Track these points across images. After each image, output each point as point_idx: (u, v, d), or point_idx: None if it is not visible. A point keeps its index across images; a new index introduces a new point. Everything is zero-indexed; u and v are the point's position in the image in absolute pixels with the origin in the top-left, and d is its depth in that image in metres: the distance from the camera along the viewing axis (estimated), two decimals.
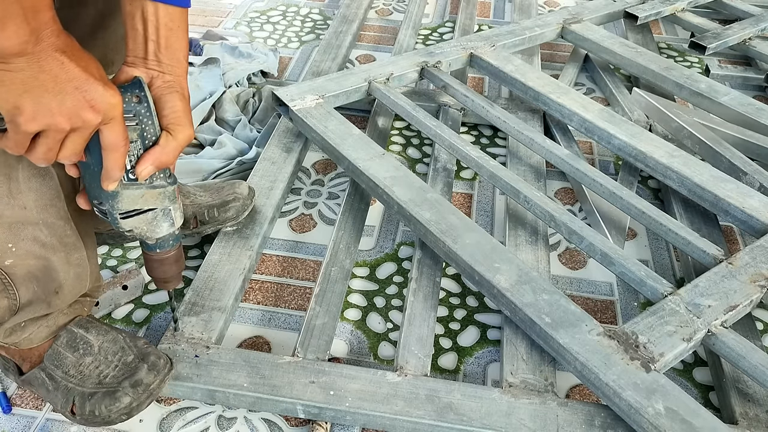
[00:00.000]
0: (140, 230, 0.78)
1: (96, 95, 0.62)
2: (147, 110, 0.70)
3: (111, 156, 0.68)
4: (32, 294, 0.83)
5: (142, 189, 0.74)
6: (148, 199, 0.75)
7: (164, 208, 0.77)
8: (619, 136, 1.29)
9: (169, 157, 0.73)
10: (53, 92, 0.60)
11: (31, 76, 0.59)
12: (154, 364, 0.87)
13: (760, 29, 1.75)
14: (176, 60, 0.72)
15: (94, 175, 0.72)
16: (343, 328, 1.07)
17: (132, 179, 0.73)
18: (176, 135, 0.73)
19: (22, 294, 0.82)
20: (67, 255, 0.84)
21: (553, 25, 1.72)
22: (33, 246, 0.80)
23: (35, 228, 0.80)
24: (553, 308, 0.95)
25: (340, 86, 1.42)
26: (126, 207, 0.75)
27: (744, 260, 1.03)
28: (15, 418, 0.92)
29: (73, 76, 0.61)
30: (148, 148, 0.72)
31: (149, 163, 0.72)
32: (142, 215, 0.76)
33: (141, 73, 0.72)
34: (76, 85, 0.61)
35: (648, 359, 0.88)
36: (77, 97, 0.62)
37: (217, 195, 1.14)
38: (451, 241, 1.05)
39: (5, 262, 0.79)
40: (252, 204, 1.17)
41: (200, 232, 1.14)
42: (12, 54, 0.57)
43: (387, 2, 2.15)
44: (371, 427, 0.90)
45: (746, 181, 1.22)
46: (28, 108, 0.60)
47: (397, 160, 1.21)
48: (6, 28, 0.55)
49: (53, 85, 0.60)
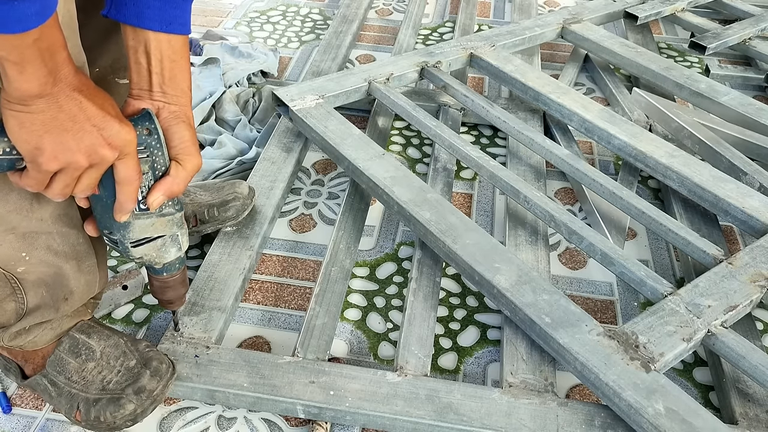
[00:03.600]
0: (149, 257, 0.80)
1: (113, 132, 0.64)
2: (158, 142, 0.71)
3: (125, 189, 0.70)
4: (40, 299, 0.83)
5: (152, 218, 0.76)
6: (158, 227, 0.77)
7: (172, 234, 0.79)
8: (619, 136, 1.29)
9: (180, 187, 0.74)
10: (72, 131, 0.62)
11: (51, 117, 0.60)
12: (156, 370, 0.87)
13: (760, 29, 1.75)
14: (180, 90, 0.74)
15: (106, 207, 0.73)
16: (343, 328, 1.07)
17: (143, 209, 0.75)
18: (185, 165, 0.74)
19: (30, 299, 0.83)
20: (78, 263, 0.84)
21: (553, 25, 1.72)
22: (46, 255, 0.81)
23: (49, 237, 0.80)
24: (553, 308, 0.95)
25: (340, 86, 1.42)
26: (137, 236, 0.76)
27: (744, 260, 1.03)
28: (15, 418, 0.92)
29: (90, 114, 0.62)
30: (158, 179, 0.74)
31: (161, 194, 0.73)
32: (151, 243, 0.78)
33: (147, 104, 0.73)
34: (93, 123, 0.63)
35: (648, 359, 0.88)
36: (95, 135, 0.63)
37: (217, 194, 1.14)
38: (451, 241, 1.05)
39: (18, 269, 0.80)
40: (252, 204, 1.17)
41: (200, 231, 1.14)
42: (32, 96, 0.58)
43: (387, 2, 2.15)
44: (371, 427, 0.90)
45: (746, 181, 1.22)
46: (48, 148, 0.61)
47: (397, 160, 1.21)
48: (24, 71, 0.56)
49: (72, 124, 0.61)
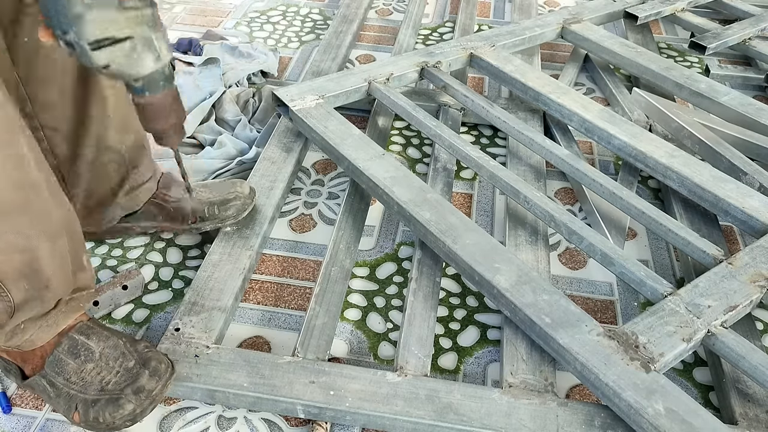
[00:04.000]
0: (118, 65, 0.67)
1: None
2: None
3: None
4: (24, 293, 0.82)
5: (110, 11, 0.64)
6: (121, 24, 0.65)
7: (144, 38, 0.67)
8: (619, 137, 1.29)
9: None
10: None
11: None
12: (155, 370, 0.87)
13: (760, 29, 1.75)
14: None
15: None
16: (343, 328, 1.07)
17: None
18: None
19: (15, 294, 0.81)
20: (51, 245, 0.81)
21: (553, 25, 1.72)
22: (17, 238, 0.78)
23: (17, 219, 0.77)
24: (553, 308, 0.95)
25: (340, 86, 1.42)
26: (94, 34, 0.65)
27: (744, 260, 1.03)
28: (15, 418, 0.92)
29: None
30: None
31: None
32: (117, 45, 0.66)
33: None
34: None
35: (648, 359, 0.88)
36: None
37: (218, 192, 1.14)
38: (451, 241, 1.05)
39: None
40: (253, 203, 1.17)
41: (199, 228, 1.14)
42: None
43: (387, 2, 2.15)
44: (371, 427, 0.90)
45: (746, 181, 1.22)
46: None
47: (397, 160, 1.21)
48: None
49: None
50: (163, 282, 1.13)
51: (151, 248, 1.19)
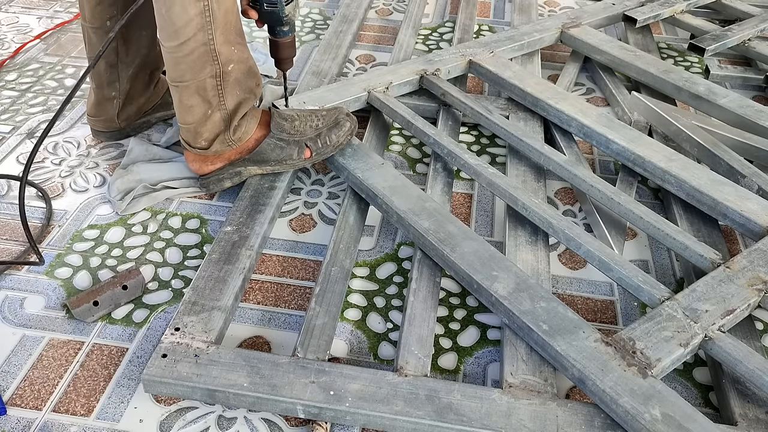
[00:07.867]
0: (291, 15, 1.16)
1: None
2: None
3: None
4: (236, 98, 1.17)
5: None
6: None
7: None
8: (618, 141, 1.30)
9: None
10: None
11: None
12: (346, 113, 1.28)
13: (759, 30, 1.76)
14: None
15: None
16: (343, 328, 1.07)
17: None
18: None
19: (229, 102, 1.16)
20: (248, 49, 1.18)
21: (551, 30, 1.72)
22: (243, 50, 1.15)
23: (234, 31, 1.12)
24: (551, 315, 0.96)
25: (340, 96, 1.43)
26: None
27: (741, 264, 1.04)
28: (15, 418, 0.92)
29: None
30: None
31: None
32: (292, 3, 1.17)
33: None
34: None
35: (645, 365, 0.89)
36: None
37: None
38: (449, 250, 1.06)
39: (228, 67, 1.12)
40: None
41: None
42: None
43: (387, 2, 2.15)
44: (371, 427, 0.91)
45: (744, 184, 1.22)
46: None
47: (395, 168, 1.22)
48: None
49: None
50: (163, 282, 1.14)
51: (151, 248, 1.20)
